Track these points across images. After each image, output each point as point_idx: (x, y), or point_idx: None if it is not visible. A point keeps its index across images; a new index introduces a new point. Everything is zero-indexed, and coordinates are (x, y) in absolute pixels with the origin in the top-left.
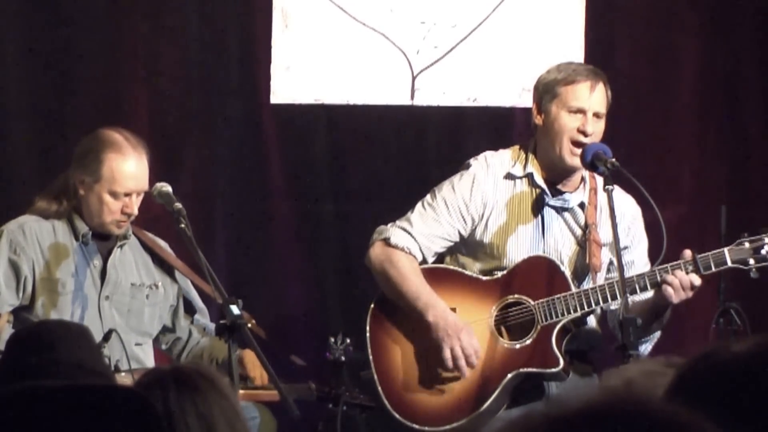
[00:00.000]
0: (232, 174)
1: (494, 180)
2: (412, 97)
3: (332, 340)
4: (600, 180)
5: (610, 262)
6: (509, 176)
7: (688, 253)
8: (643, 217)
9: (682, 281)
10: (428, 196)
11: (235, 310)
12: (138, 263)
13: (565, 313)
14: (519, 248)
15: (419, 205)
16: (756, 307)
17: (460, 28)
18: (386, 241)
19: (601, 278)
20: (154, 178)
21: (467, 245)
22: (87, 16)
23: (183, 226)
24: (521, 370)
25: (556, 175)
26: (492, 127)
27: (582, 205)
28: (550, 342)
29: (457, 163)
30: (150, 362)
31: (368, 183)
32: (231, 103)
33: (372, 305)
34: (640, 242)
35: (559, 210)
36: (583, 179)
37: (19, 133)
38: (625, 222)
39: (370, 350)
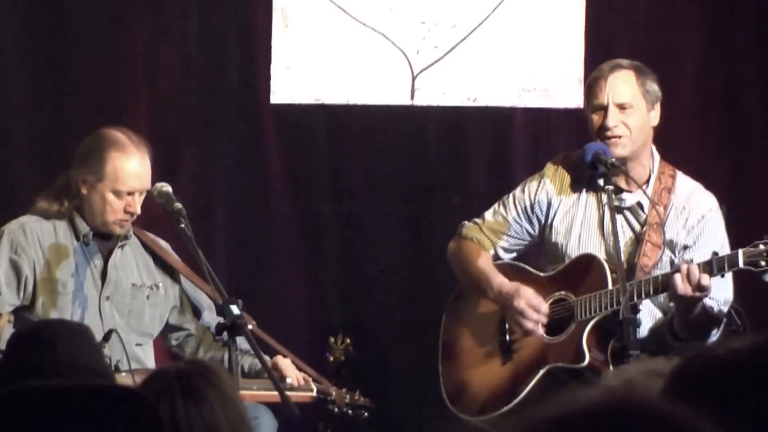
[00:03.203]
0: (232, 174)
1: (562, 182)
2: (412, 97)
3: (332, 340)
4: (680, 178)
5: (671, 261)
6: (576, 178)
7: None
8: None
9: (690, 272)
10: (505, 195)
11: (235, 310)
12: (139, 264)
13: (598, 309)
14: (581, 249)
15: (497, 203)
16: (756, 307)
17: (460, 28)
18: (459, 235)
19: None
20: (154, 178)
21: (547, 248)
22: (87, 16)
23: (183, 226)
24: (553, 365)
25: (616, 173)
26: (492, 127)
27: (640, 205)
28: (580, 338)
29: (457, 163)
30: (150, 362)
31: (368, 183)
32: (231, 103)
33: (448, 303)
34: (707, 242)
35: (619, 209)
36: (649, 179)
37: (19, 133)
38: (691, 220)
39: (441, 345)
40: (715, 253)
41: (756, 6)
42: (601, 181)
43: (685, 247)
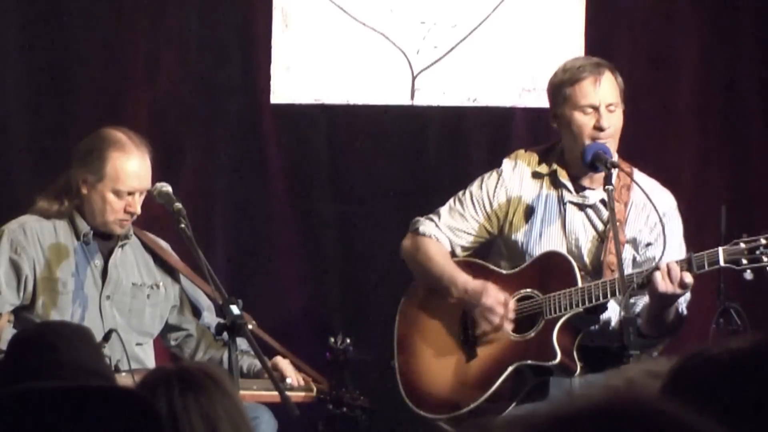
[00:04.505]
0: (232, 174)
1: (521, 178)
2: (412, 97)
3: (332, 340)
4: (637, 176)
5: (633, 259)
6: (536, 174)
7: (687, 253)
8: None
9: (671, 270)
10: (460, 192)
11: (235, 310)
12: (139, 263)
13: (568, 307)
14: (541, 246)
15: (451, 199)
16: (756, 307)
17: (460, 28)
18: (416, 232)
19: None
20: (154, 178)
21: (505, 245)
22: (87, 16)
23: (183, 226)
24: (521, 362)
25: (583, 172)
26: (492, 127)
27: (603, 202)
28: (551, 336)
29: (457, 163)
30: (150, 362)
31: (368, 183)
32: (231, 103)
33: (404, 294)
34: (669, 239)
35: (582, 206)
36: (609, 176)
37: (19, 133)
38: (653, 218)
39: (396, 337)
40: (693, 251)
41: (756, 6)
42: (563, 178)
43: (648, 245)
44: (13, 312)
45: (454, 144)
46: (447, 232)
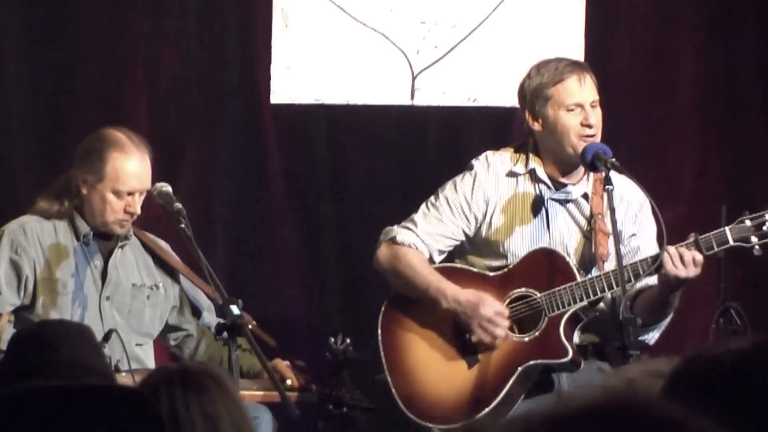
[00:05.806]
0: (232, 174)
1: (496, 178)
2: (412, 97)
3: (332, 340)
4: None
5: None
6: (511, 174)
7: (692, 235)
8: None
9: (682, 254)
10: (432, 197)
11: (235, 310)
12: (139, 264)
13: (572, 302)
14: (524, 244)
15: (423, 205)
16: (756, 307)
17: (460, 28)
18: (393, 240)
19: (609, 267)
20: (154, 178)
21: (475, 244)
22: (87, 16)
23: (183, 226)
24: (531, 362)
25: (563, 170)
26: (492, 127)
27: (585, 196)
28: (557, 333)
29: (457, 163)
30: (150, 362)
31: (368, 183)
32: (231, 103)
33: (383, 308)
34: (648, 228)
35: (563, 202)
36: (586, 171)
37: (19, 133)
38: (632, 209)
39: (382, 353)
40: (697, 234)
41: (756, 6)
42: (542, 176)
43: (632, 235)
44: (14, 312)
45: (454, 144)
46: (426, 238)
